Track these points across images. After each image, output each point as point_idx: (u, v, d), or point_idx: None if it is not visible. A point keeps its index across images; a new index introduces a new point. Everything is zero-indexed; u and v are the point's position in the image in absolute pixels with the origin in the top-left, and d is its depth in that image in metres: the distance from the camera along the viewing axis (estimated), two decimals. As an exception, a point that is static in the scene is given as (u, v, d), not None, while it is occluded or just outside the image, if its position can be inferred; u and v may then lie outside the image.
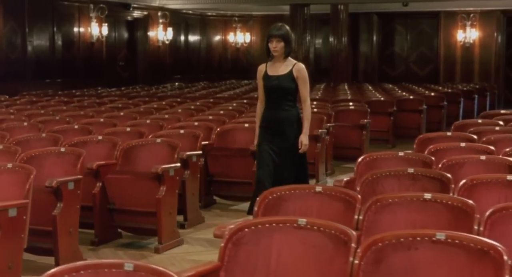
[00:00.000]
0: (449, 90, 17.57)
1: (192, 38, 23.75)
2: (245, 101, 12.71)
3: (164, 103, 12.32)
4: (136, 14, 20.88)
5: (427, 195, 4.12)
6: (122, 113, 10.01)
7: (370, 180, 5.08)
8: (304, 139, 6.42)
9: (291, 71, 6.38)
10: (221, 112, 10.30)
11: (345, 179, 5.82)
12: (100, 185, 6.55)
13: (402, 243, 3.26)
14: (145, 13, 21.12)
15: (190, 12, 23.31)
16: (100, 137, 7.10)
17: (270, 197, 4.40)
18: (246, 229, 3.54)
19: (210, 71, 24.27)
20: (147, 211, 6.46)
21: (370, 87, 18.42)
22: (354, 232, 3.36)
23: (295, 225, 3.50)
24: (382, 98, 13.87)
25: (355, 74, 23.76)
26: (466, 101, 16.95)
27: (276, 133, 6.37)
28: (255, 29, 25.16)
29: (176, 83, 20.68)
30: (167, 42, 21.86)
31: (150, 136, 7.62)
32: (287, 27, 6.47)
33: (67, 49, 18.14)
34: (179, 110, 10.63)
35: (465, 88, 18.75)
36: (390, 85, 19.59)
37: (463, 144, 6.61)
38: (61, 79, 17.86)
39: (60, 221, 5.63)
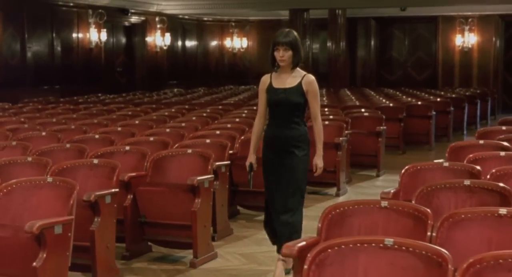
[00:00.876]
0: (453, 95, 17.48)
1: (189, 43, 23.56)
2: (254, 108, 12.52)
3: (173, 110, 12.13)
4: (134, 19, 20.67)
5: (502, 210, 3.96)
6: (137, 122, 9.81)
7: (425, 192, 4.92)
8: (319, 161, 5.76)
9: (300, 84, 5.63)
10: (237, 120, 10.13)
11: (392, 191, 5.68)
12: (131, 198, 6.36)
13: (501, 264, 3.10)
14: (143, 18, 20.93)
15: (187, 17, 23.11)
16: (127, 148, 6.90)
17: (333, 212, 4.23)
18: (329, 250, 3.37)
19: (207, 77, 24.08)
20: (180, 224, 6.28)
21: (372, 93, 18.30)
22: (449, 253, 3.19)
23: (381, 245, 3.34)
24: (391, 104, 13.74)
25: (353, 79, 23.68)
26: (468, 106, 16.90)
27: (280, 154, 5.67)
28: (252, 34, 25.00)
29: (175, 89, 20.48)
30: (165, 47, 21.66)
31: (175, 146, 7.44)
32: (295, 33, 5.70)
33: (66, 55, 17.91)
34: (194, 118, 10.44)
35: (467, 93, 18.69)
36: (391, 90, 19.49)
37: (502, 153, 6.48)
38: (60, 86, 17.63)
39: (98, 236, 5.44)
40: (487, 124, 19.02)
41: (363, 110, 12.18)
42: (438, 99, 15.80)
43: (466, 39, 22.62)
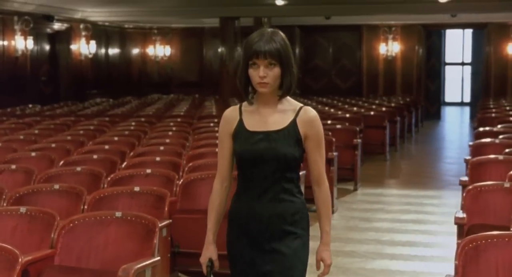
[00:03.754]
0: (393, 105, 17.62)
1: (112, 51, 22.77)
2: (216, 120, 12.09)
3: (134, 124, 11.55)
4: (58, 26, 19.74)
5: None
6: (116, 138, 9.20)
7: (519, 219, 4.72)
8: (326, 255, 3.43)
9: (293, 124, 3.34)
10: (216, 135, 9.67)
11: (465, 216, 5.45)
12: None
13: None
14: (67, 25, 20.03)
15: (107, 24, 22.29)
16: (148, 171, 6.38)
17: (466, 248, 3.96)
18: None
19: (129, 85, 23.33)
20: (219, 254, 5.81)
21: (308, 102, 18.14)
22: None
23: None
24: (347, 115, 13.60)
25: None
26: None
27: (262, 245, 3.41)
28: (175, 42, 24.41)
29: (104, 99, 19.74)
30: (89, 55, 20.83)
31: (188, 167, 6.98)
32: (283, 36, 3.41)
33: (-8, 64, 16.91)
34: (170, 133, 9.93)
35: (401, 102, 18.92)
36: (324, 99, 19.43)
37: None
38: (-17, 97, 16.59)
39: (156, 273, 4.93)
40: (418, 132, 19.31)
41: (329, 122, 11.95)
42: (384, 109, 15.81)
43: (390, 47, 22.90)
